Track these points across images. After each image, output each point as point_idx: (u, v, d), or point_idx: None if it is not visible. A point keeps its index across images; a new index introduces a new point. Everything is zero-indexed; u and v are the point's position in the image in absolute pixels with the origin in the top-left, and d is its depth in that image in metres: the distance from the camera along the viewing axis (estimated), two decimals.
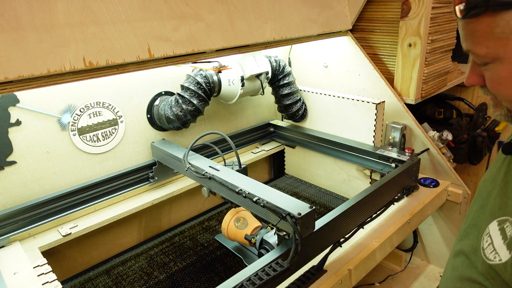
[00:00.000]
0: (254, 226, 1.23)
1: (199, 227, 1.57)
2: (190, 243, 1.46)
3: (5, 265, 1.03)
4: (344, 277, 1.01)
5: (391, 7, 1.46)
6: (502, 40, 0.57)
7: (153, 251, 1.42)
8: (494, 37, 0.57)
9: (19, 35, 0.76)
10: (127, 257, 1.40)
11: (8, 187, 1.15)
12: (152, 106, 1.41)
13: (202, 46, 1.03)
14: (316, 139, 1.66)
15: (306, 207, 0.92)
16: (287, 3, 1.23)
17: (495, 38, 0.57)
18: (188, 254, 1.39)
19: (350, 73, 1.57)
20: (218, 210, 1.70)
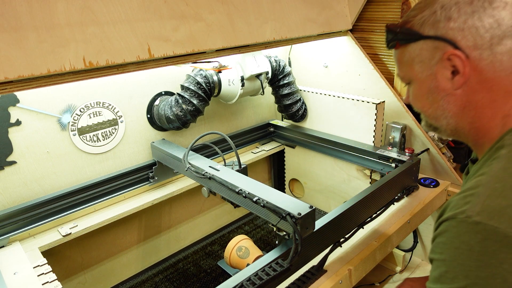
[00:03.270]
0: (256, 255, 1.25)
1: (202, 252, 1.60)
2: (193, 269, 1.48)
3: (5, 265, 1.03)
4: (344, 277, 1.01)
5: (391, 7, 1.46)
6: (410, 66, 0.73)
7: (158, 278, 1.44)
8: (405, 63, 0.74)
9: (19, 35, 0.76)
10: (133, 284, 1.41)
11: (8, 187, 1.15)
12: (152, 106, 1.41)
13: (202, 46, 1.03)
14: (316, 139, 1.66)
15: (306, 207, 0.92)
16: (287, 3, 1.23)
17: (405, 64, 0.74)
18: (192, 281, 1.41)
19: (350, 73, 1.57)
20: (221, 234, 1.73)
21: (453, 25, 0.65)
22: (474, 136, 0.71)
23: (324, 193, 1.77)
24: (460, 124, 0.71)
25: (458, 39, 0.65)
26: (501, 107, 0.66)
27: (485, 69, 0.65)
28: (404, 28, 0.71)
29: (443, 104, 0.70)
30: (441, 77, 0.69)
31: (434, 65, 0.69)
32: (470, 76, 0.66)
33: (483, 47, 0.64)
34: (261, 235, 1.74)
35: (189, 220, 1.70)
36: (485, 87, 0.66)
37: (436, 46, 0.67)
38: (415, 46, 0.70)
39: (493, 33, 0.63)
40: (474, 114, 0.69)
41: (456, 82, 0.67)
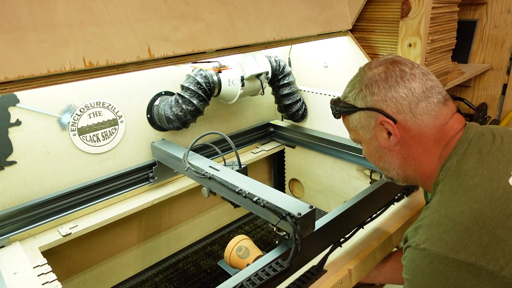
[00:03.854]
0: (256, 255, 1.24)
1: (202, 252, 1.60)
2: (193, 269, 1.48)
3: (5, 265, 1.03)
4: (344, 277, 1.01)
5: (391, 7, 1.45)
6: (355, 131, 0.89)
7: (158, 278, 1.44)
8: (351, 129, 0.91)
9: (19, 35, 0.76)
10: (133, 284, 1.41)
11: (8, 187, 1.15)
12: (152, 106, 1.41)
13: (202, 46, 1.03)
14: (316, 139, 1.66)
15: (306, 207, 0.92)
16: (287, 3, 1.23)
17: (352, 130, 0.90)
18: (192, 281, 1.41)
19: (350, 73, 1.55)
20: (221, 234, 1.73)
21: (377, 98, 0.81)
22: (421, 180, 0.85)
23: (324, 193, 1.77)
24: (407, 173, 0.85)
25: (384, 108, 0.80)
26: (435, 152, 0.80)
27: (412, 127, 0.79)
28: (343, 102, 0.89)
29: (388, 158, 0.85)
30: (380, 138, 0.84)
31: (373, 129, 0.84)
32: (402, 135, 0.80)
33: (404, 112, 0.79)
34: (261, 235, 1.74)
35: (189, 220, 1.70)
36: (416, 141, 0.80)
37: (369, 115, 0.83)
38: (355, 116, 0.86)
39: (409, 100, 0.78)
40: (415, 163, 0.83)
41: (392, 140, 0.81)
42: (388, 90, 0.80)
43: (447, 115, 0.80)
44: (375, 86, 0.81)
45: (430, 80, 0.81)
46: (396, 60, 0.84)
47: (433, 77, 0.82)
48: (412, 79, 0.79)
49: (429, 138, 0.79)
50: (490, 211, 0.67)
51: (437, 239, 0.68)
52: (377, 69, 0.83)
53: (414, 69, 0.81)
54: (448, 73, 1.69)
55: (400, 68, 0.81)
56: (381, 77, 0.81)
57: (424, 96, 0.78)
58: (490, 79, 2.21)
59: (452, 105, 0.83)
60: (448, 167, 0.76)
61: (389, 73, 0.81)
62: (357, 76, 0.88)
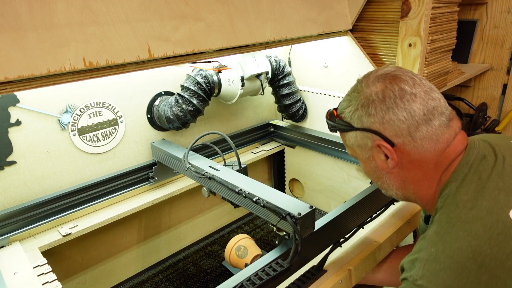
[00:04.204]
0: (254, 254, 1.24)
1: (202, 252, 1.60)
2: (193, 269, 1.48)
3: (5, 265, 1.03)
4: (344, 277, 1.01)
5: (391, 7, 1.45)
6: (352, 148, 0.84)
7: (158, 278, 1.44)
8: (348, 146, 0.86)
9: (19, 35, 0.76)
10: (133, 284, 1.41)
11: (8, 187, 1.15)
12: (152, 106, 1.41)
13: (202, 46, 1.03)
14: (316, 139, 1.66)
15: (306, 207, 0.92)
16: (287, 3, 1.23)
17: (349, 147, 0.86)
18: (192, 281, 1.41)
19: (350, 73, 1.57)
20: (221, 234, 1.73)
21: (374, 120, 0.76)
22: (421, 203, 0.82)
23: (324, 193, 1.77)
24: (406, 194, 0.82)
25: (381, 130, 0.75)
26: (435, 176, 0.76)
27: (411, 152, 0.75)
28: (339, 119, 0.84)
29: (386, 180, 0.82)
30: (377, 159, 0.80)
31: (370, 150, 0.80)
32: (400, 158, 0.76)
33: (403, 135, 0.74)
34: (261, 235, 1.74)
35: (189, 220, 1.70)
36: (415, 166, 0.76)
37: (366, 135, 0.78)
38: (351, 134, 0.82)
39: (409, 123, 0.73)
40: (414, 187, 0.79)
41: (390, 163, 0.78)
42: (385, 112, 0.74)
43: (449, 138, 0.75)
44: (371, 107, 0.76)
45: (433, 99, 0.75)
46: (396, 75, 0.77)
47: (436, 95, 0.76)
48: (413, 99, 0.73)
49: (429, 162, 0.75)
50: (489, 249, 0.63)
51: (434, 277, 0.65)
52: (375, 87, 0.77)
53: (416, 87, 0.75)
54: (448, 73, 1.69)
55: (399, 87, 0.75)
56: (379, 97, 0.75)
57: (425, 119, 0.73)
58: (490, 79, 2.21)
59: (456, 124, 0.77)
60: (447, 193, 0.72)
61: (387, 92, 0.75)
62: (354, 90, 0.82)
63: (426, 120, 0.73)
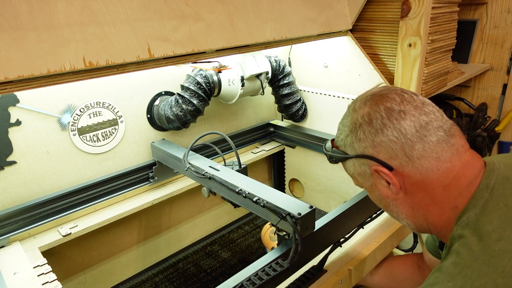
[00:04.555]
0: None
1: (202, 252, 1.60)
2: (193, 269, 1.48)
3: (5, 265, 1.03)
4: (344, 277, 1.01)
5: (391, 7, 1.45)
6: (354, 177, 0.80)
7: (158, 278, 1.44)
8: (351, 175, 0.81)
9: (19, 35, 0.76)
10: (133, 284, 1.41)
11: (8, 187, 1.15)
12: (152, 106, 1.41)
13: (202, 46, 1.03)
14: (316, 139, 1.66)
15: (306, 207, 0.92)
16: (287, 3, 1.23)
17: (352, 176, 0.81)
18: (192, 281, 1.41)
19: (350, 73, 1.57)
20: (221, 234, 1.73)
21: (365, 144, 0.72)
22: (435, 231, 0.74)
23: (324, 193, 1.77)
24: (417, 222, 0.75)
25: (374, 154, 0.71)
26: (446, 201, 0.68)
27: (411, 173, 0.69)
28: (334, 149, 0.80)
29: (394, 208, 0.75)
30: (380, 186, 0.74)
31: (370, 177, 0.75)
32: (402, 182, 0.70)
33: (399, 157, 0.68)
34: None
35: (189, 220, 1.70)
36: (420, 188, 0.69)
37: (362, 162, 0.74)
38: (349, 163, 0.78)
39: (402, 143, 0.68)
40: (423, 212, 0.72)
41: (393, 189, 0.72)
42: (375, 135, 0.70)
43: (452, 156, 0.67)
44: (360, 131, 0.72)
45: (425, 114, 0.69)
46: (382, 95, 0.72)
47: (429, 109, 0.70)
48: (402, 117, 0.68)
49: (435, 184, 0.68)
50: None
51: None
52: (362, 110, 0.73)
53: (404, 104, 0.70)
54: (448, 73, 1.69)
55: (385, 106, 0.70)
56: (365, 120, 0.71)
57: (419, 136, 0.67)
58: (490, 79, 2.21)
59: (459, 141, 0.69)
60: (465, 221, 0.64)
61: (373, 114, 0.70)
62: (344, 117, 0.79)
63: (420, 137, 0.67)
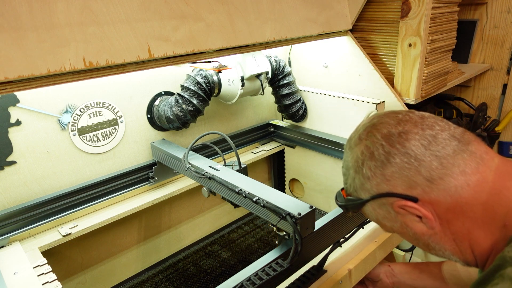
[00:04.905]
0: None
1: (202, 252, 1.60)
2: (193, 269, 1.48)
3: (5, 265, 1.03)
4: (344, 277, 1.01)
5: (391, 7, 1.46)
6: (380, 222, 0.69)
7: (158, 278, 1.44)
8: (376, 221, 0.71)
9: (19, 35, 0.76)
10: (133, 284, 1.41)
11: (8, 187, 1.15)
12: (152, 106, 1.41)
13: (202, 46, 1.03)
14: (316, 139, 1.66)
15: (306, 207, 0.92)
16: (287, 3, 1.23)
17: (377, 222, 0.70)
18: (192, 281, 1.41)
19: (350, 73, 1.57)
20: (221, 234, 1.73)
21: (377, 181, 0.63)
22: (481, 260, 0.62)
23: (324, 193, 1.77)
24: (465, 257, 0.63)
25: (391, 189, 0.62)
26: (491, 221, 0.59)
27: (440, 198, 0.59)
28: (347, 198, 0.71)
29: (435, 246, 0.65)
30: (411, 224, 0.64)
31: (396, 217, 0.65)
32: (434, 211, 0.60)
33: (418, 183, 0.60)
34: (261, 235, 1.74)
35: (189, 220, 1.70)
36: (457, 213, 0.59)
37: (381, 203, 0.65)
38: (367, 208, 0.69)
39: (416, 167, 0.59)
40: (469, 242, 0.61)
41: (427, 222, 0.62)
42: (382, 168, 0.62)
43: (479, 165, 0.59)
44: (365, 169, 0.64)
45: (429, 127, 0.61)
46: (374, 124, 0.66)
47: (431, 121, 0.63)
48: (404, 138, 0.61)
49: (471, 203, 0.58)
50: None
51: None
52: (359, 146, 0.66)
53: (402, 125, 0.62)
54: (448, 73, 1.69)
55: (382, 133, 0.63)
56: (365, 155, 0.64)
57: (430, 153, 0.59)
58: (490, 79, 2.21)
59: (480, 146, 0.61)
60: None
61: (372, 146, 0.63)
62: (344, 159, 0.71)
63: (433, 154, 0.59)
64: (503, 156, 0.62)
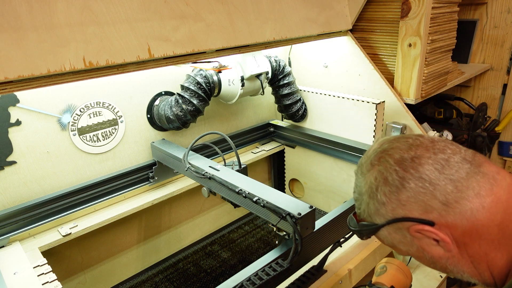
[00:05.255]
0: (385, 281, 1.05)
1: (202, 252, 1.60)
2: (193, 269, 1.48)
3: (5, 265, 1.03)
4: (344, 277, 1.01)
5: (391, 7, 1.46)
6: (395, 247, 0.69)
7: (158, 278, 1.44)
8: (391, 246, 0.70)
9: (19, 35, 0.76)
10: (133, 284, 1.41)
11: (8, 187, 1.15)
12: (152, 106, 1.41)
13: (202, 46, 1.03)
14: (316, 139, 1.66)
15: (306, 207, 0.92)
16: (287, 3, 1.23)
17: (392, 247, 0.70)
18: (192, 281, 1.41)
19: (350, 73, 1.57)
20: (221, 234, 1.73)
21: (392, 206, 0.63)
22: (500, 280, 0.62)
23: (324, 193, 1.77)
24: (484, 279, 0.63)
25: (407, 214, 0.62)
26: (506, 241, 0.59)
27: (457, 222, 0.59)
28: (361, 223, 0.71)
29: (452, 269, 0.64)
30: (428, 248, 0.64)
31: (413, 242, 0.65)
32: (451, 234, 0.61)
33: (434, 207, 0.60)
34: (261, 235, 1.74)
35: (189, 220, 1.70)
36: (474, 236, 0.60)
37: (397, 227, 0.65)
38: (383, 233, 0.68)
39: (431, 191, 0.60)
40: (486, 264, 0.61)
41: (445, 246, 0.62)
42: (398, 193, 0.62)
43: (493, 186, 0.59)
44: (380, 194, 0.64)
45: (440, 150, 0.62)
46: (385, 149, 0.66)
47: (442, 145, 0.63)
48: (418, 163, 0.61)
49: (487, 225, 0.59)
50: None
51: None
52: (371, 172, 0.66)
53: (413, 149, 0.63)
54: (448, 73, 1.69)
55: (395, 159, 0.63)
56: (379, 181, 0.64)
57: (445, 177, 0.59)
58: (490, 79, 2.21)
59: (491, 167, 0.61)
60: None
61: (386, 172, 0.63)
62: (356, 185, 0.72)
63: (448, 177, 0.59)
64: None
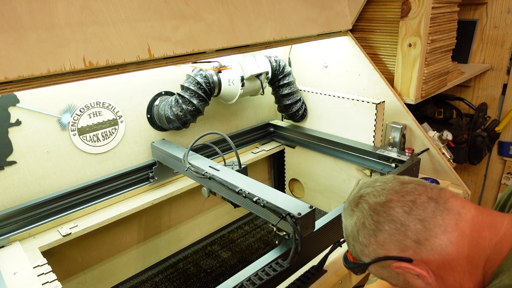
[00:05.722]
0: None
1: (202, 252, 1.60)
2: (193, 269, 1.48)
3: (5, 265, 1.03)
4: (344, 277, 1.01)
5: (391, 7, 1.46)
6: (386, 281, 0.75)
7: (158, 278, 1.44)
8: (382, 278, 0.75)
9: (19, 35, 0.76)
10: (133, 284, 1.41)
11: (8, 187, 1.15)
12: (152, 106, 1.41)
13: (202, 46, 1.03)
14: (316, 139, 1.66)
15: (306, 207, 0.92)
16: (287, 3, 1.23)
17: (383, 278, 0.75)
18: (192, 281, 1.41)
19: (350, 73, 1.57)
20: (221, 234, 1.73)
21: (373, 247, 0.70)
22: None
23: (324, 193, 1.77)
24: None
25: (386, 253, 0.69)
26: (475, 272, 0.65)
27: (429, 257, 0.65)
28: (353, 262, 0.78)
29: None
30: (412, 281, 0.70)
31: (398, 276, 0.71)
32: (428, 268, 0.66)
33: (408, 246, 0.66)
34: (261, 235, 1.74)
35: (189, 220, 1.70)
36: (447, 269, 0.66)
37: (381, 265, 0.71)
38: (371, 270, 0.75)
39: (403, 232, 0.66)
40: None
41: (424, 279, 0.68)
42: (375, 236, 0.69)
43: (458, 221, 0.65)
44: (361, 238, 0.71)
45: (408, 193, 0.68)
46: (361, 195, 0.73)
47: (410, 187, 0.69)
48: (388, 207, 0.68)
49: (456, 258, 0.65)
50: None
51: None
52: (351, 218, 0.74)
53: (384, 194, 0.69)
54: (448, 73, 1.69)
55: (369, 204, 0.70)
56: (358, 226, 0.71)
57: (413, 217, 0.66)
58: (490, 79, 2.21)
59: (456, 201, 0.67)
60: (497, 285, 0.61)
61: (363, 217, 0.70)
62: (344, 227, 0.78)
63: (416, 217, 0.66)
64: (478, 206, 0.68)
